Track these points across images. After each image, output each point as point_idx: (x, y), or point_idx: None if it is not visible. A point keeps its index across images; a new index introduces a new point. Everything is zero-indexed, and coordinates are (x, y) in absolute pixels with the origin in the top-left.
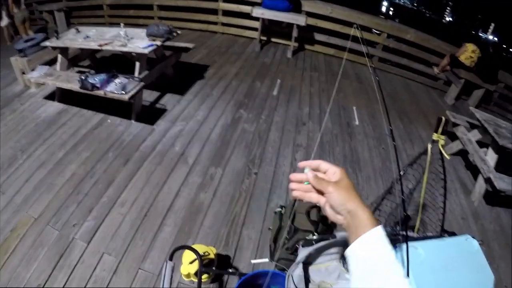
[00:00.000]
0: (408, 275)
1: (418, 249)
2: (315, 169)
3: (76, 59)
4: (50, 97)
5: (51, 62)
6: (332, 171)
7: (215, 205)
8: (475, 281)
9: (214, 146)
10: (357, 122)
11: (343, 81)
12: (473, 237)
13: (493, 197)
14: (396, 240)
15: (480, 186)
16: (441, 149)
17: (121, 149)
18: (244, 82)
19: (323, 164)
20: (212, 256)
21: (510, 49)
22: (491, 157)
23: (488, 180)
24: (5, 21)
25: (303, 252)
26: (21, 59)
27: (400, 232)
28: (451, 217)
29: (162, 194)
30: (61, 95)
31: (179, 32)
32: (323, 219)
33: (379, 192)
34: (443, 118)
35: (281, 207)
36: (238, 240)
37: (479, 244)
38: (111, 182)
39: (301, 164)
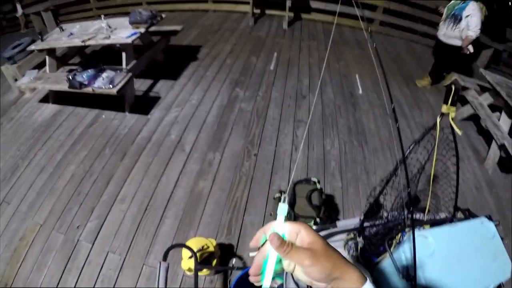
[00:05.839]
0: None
1: (428, 238)
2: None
3: (65, 57)
4: (45, 100)
5: (42, 64)
6: (294, 232)
7: (215, 192)
8: (491, 270)
9: (211, 130)
10: (360, 91)
11: (343, 49)
12: (489, 219)
13: (508, 164)
14: (401, 228)
15: (494, 153)
16: (452, 123)
17: (118, 143)
18: (239, 59)
19: (278, 227)
20: (211, 248)
21: None
22: (504, 122)
23: (502, 147)
24: (20, 11)
25: None
26: (11, 66)
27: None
28: (464, 187)
29: (161, 185)
30: (55, 97)
31: (163, 15)
32: (325, 202)
33: (387, 165)
34: (453, 87)
35: (280, 192)
36: (241, 227)
37: (496, 225)
38: (110, 178)
39: (252, 243)
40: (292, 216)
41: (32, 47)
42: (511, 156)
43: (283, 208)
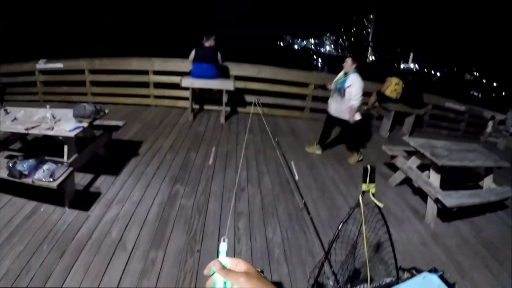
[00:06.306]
0: None
1: None
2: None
3: (6, 141)
4: None
5: None
6: (233, 264)
7: None
8: None
9: (153, 227)
10: (297, 177)
11: (278, 138)
12: (433, 271)
13: (447, 213)
14: None
15: (431, 208)
16: (373, 198)
17: (56, 239)
18: (179, 155)
19: (220, 261)
20: None
21: (431, 72)
22: (434, 178)
23: (437, 201)
24: None
25: None
26: None
27: None
28: (411, 246)
29: (103, 285)
30: None
31: (107, 110)
32: None
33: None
34: (369, 168)
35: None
36: None
37: (440, 274)
38: (48, 277)
39: (205, 271)
40: None
41: None
42: (448, 207)
43: (224, 246)
